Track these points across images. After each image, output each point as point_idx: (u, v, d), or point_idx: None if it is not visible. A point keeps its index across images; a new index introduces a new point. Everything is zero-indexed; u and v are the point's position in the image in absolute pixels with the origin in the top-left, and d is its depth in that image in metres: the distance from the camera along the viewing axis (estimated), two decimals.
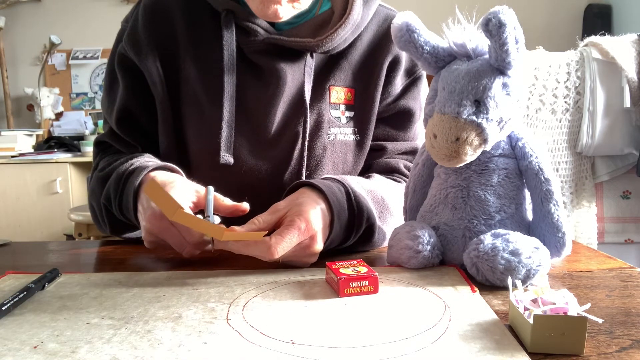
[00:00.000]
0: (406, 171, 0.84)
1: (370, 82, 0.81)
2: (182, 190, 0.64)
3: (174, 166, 0.72)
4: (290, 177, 0.78)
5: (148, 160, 0.74)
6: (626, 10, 2.70)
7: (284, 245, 0.55)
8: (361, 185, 0.69)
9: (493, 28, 0.50)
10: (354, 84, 0.81)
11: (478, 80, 0.54)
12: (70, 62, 3.14)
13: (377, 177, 0.79)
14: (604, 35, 1.79)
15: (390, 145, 0.84)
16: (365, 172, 0.84)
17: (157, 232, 0.62)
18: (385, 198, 0.72)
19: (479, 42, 0.57)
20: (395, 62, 0.82)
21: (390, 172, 0.84)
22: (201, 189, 0.66)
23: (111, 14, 3.04)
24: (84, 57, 3.14)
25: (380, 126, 0.84)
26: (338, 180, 0.67)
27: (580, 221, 1.84)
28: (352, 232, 0.65)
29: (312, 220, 0.58)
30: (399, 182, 0.82)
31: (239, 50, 0.77)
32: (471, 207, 0.58)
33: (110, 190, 0.71)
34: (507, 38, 0.51)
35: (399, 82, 0.84)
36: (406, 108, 0.84)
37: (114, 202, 0.71)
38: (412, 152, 0.86)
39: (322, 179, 0.68)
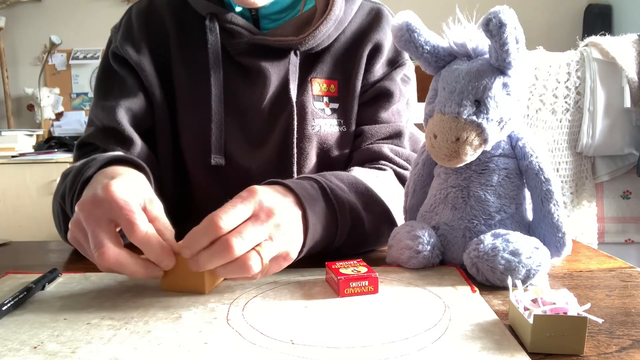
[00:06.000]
0: (392, 155, 0.79)
1: (352, 73, 0.81)
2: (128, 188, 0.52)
3: (137, 160, 0.64)
4: (281, 173, 0.78)
5: (114, 154, 0.65)
6: (626, 10, 2.70)
7: (228, 214, 0.48)
8: (340, 179, 0.65)
9: (493, 28, 0.50)
10: (336, 75, 0.81)
11: (478, 80, 0.54)
12: (71, 62, 3.14)
13: (356, 170, 0.74)
14: (604, 35, 1.79)
15: (367, 129, 0.81)
16: (347, 163, 0.82)
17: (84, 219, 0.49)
18: (369, 188, 0.66)
19: (479, 41, 0.56)
20: (375, 50, 0.82)
21: (374, 159, 0.79)
22: (144, 194, 0.53)
23: (111, 14, 3.04)
24: (84, 57, 3.13)
25: (358, 111, 0.82)
26: (310, 177, 0.62)
27: (580, 221, 1.84)
28: (337, 229, 0.60)
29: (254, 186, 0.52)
30: (384, 169, 0.77)
31: (225, 52, 0.78)
32: (471, 207, 0.58)
33: (66, 187, 0.63)
34: (507, 38, 0.51)
35: (379, 70, 0.83)
36: (383, 89, 0.82)
37: (67, 199, 0.62)
38: (397, 135, 0.82)
39: (296, 178, 0.63)
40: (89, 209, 0.49)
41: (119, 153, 0.66)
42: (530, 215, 0.60)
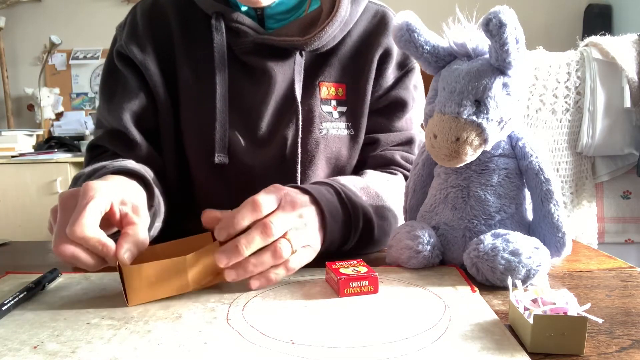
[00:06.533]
0: (403, 162, 0.83)
1: (361, 77, 0.81)
2: (99, 198, 0.50)
3: (140, 171, 0.66)
4: (285, 174, 0.78)
5: (123, 165, 0.67)
6: (626, 10, 2.70)
7: (266, 199, 0.52)
8: (353, 184, 0.68)
9: (493, 28, 0.50)
10: (344, 79, 0.82)
11: (478, 80, 0.54)
12: (71, 62, 3.14)
13: (370, 173, 0.78)
14: (604, 35, 1.79)
15: (382, 137, 0.83)
16: (360, 167, 0.84)
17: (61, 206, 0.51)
18: (380, 193, 0.70)
19: (479, 41, 0.56)
20: (385, 55, 0.82)
21: (386, 165, 0.83)
22: (130, 201, 0.54)
23: (111, 14, 3.04)
24: (84, 57, 3.14)
25: (372, 118, 0.83)
26: (325, 182, 0.66)
27: (580, 221, 1.84)
28: (350, 231, 0.63)
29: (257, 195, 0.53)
30: (395, 174, 0.81)
31: (230, 51, 0.78)
32: (471, 207, 0.58)
33: None
34: (507, 38, 0.51)
35: (391, 75, 0.84)
36: (398, 98, 0.84)
37: None
38: (408, 143, 0.85)
39: (311, 183, 0.66)
40: (65, 199, 0.51)
41: (127, 165, 0.67)
42: (530, 215, 0.60)
